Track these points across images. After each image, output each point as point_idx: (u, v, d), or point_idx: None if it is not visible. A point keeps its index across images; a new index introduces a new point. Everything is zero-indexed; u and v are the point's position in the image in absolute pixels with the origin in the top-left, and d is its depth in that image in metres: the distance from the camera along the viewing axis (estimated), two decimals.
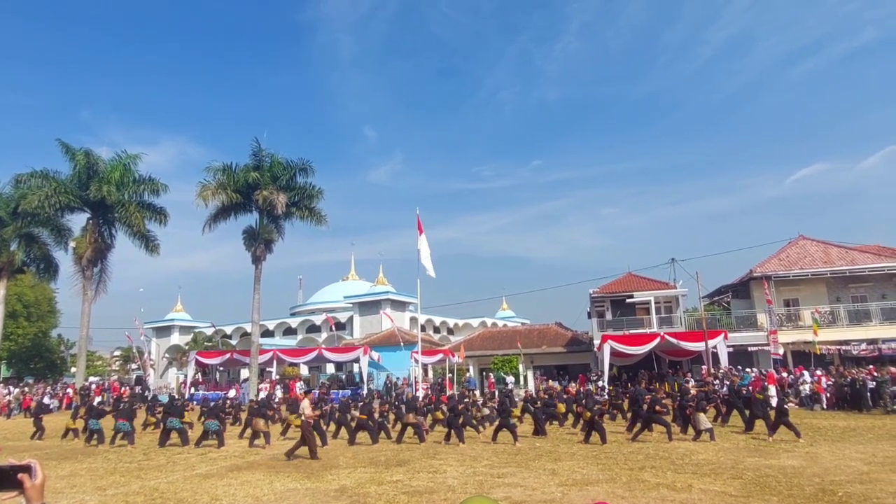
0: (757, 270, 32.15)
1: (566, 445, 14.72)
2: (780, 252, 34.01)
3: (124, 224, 33.30)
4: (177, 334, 67.51)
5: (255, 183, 31.11)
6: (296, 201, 32.66)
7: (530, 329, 42.92)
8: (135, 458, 14.28)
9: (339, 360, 40.02)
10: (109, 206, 32.68)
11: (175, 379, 52.44)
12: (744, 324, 32.28)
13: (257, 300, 32.50)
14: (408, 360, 34.57)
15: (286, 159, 32.36)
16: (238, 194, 31.31)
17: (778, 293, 31.59)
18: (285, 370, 40.55)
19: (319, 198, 33.24)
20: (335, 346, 44.12)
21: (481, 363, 39.02)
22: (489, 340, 41.37)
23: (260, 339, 35.03)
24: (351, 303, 59.83)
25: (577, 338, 38.11)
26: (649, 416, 15.07)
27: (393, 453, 13.93)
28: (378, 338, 43.61)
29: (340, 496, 9.31)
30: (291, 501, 9.08)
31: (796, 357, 29.99)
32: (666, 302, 34.69)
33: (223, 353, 39.10)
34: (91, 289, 33.36)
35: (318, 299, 73.00)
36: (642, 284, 34.79)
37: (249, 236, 32.44)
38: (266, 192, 30.69)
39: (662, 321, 33.14)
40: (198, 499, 9.40)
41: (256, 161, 31.98)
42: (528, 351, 36.96)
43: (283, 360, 36.96)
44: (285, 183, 32.04)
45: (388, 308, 53.84)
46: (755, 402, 16.03)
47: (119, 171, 32.89)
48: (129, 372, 65.07)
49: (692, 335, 29.96)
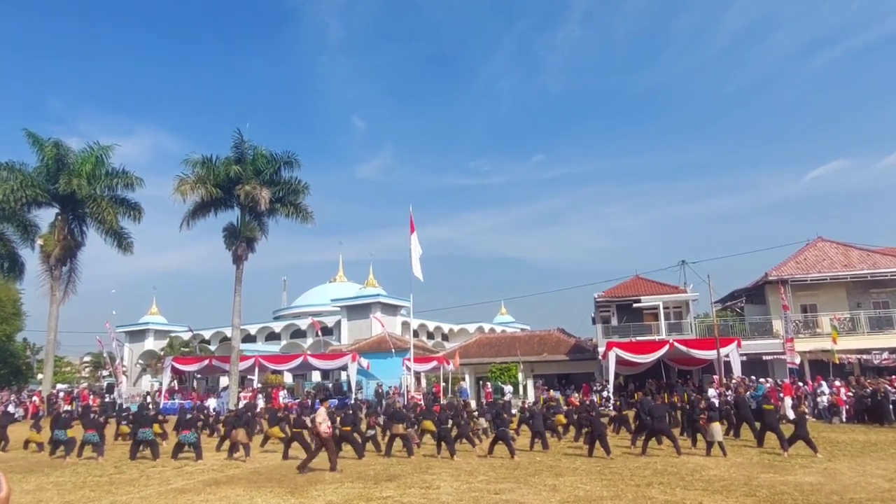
0: (772, 274, 32.25)
1: (568, 459, 14.72)
2: (797, 255, 34.12)
3: (96, 220, 33.15)
4: (151, 339, 67.30)
5: (236, 177, 31.02)
6: (280, 197, 32.59)
7: (530, 335, 42.94)
8: (105, 471, 14.20)
9: (326, 368, 39.92)
10: (80, 200, 32.53)
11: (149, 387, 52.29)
12: (758, 331, 32.37)
13: (238, 303, 32.41)
14: (399, 368, 34.54)
15: (270, 152, 32.34)
16: (218, 189, 31.21)
17: (795, 298, 31.69)
18: (268, 378, 40.39)
19: (306, 193, 33.21)
20: (321, 352, 43.99)
21: (478, 371, 39.01)
22: (486, 347, 41.36)
23: (241, 345, 34.89)
24: (339, 306, 59.76)
25: (580, 345, 38.14)
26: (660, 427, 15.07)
27: (382, 467, 13.91)
28: (367, 344, 43.56)
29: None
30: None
31: (814, 366, 30.09)
32: (675, 307, 34.76)
33: (201, 360, 38.95)
34: (59, 289, 33.20)
35: (304, 302, 72.93)
36: (650, 288, 34.87)
37: (230, 234, 32.35)
38: (248, 187, 30.61)
39: (671, 327, 33.20)
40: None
41: (238, 154, 31.90)
42: (528, 359, 36.97)
43: (266, 368, 36.83)
44: (269, 177, 31.97)
45: (378, 312, 53.78)
46: (765, 413, 16.07)
47: (90, 164, 32.76)
48: (99, 379, 64.87)
49: (703, 343, 30.00)
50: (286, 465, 14.59)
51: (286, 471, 13.70)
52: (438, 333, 69.43)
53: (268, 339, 66.37)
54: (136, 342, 67.29)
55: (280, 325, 67.37)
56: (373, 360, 37.29)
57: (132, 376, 61.98)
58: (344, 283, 73.32)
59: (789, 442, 14.66)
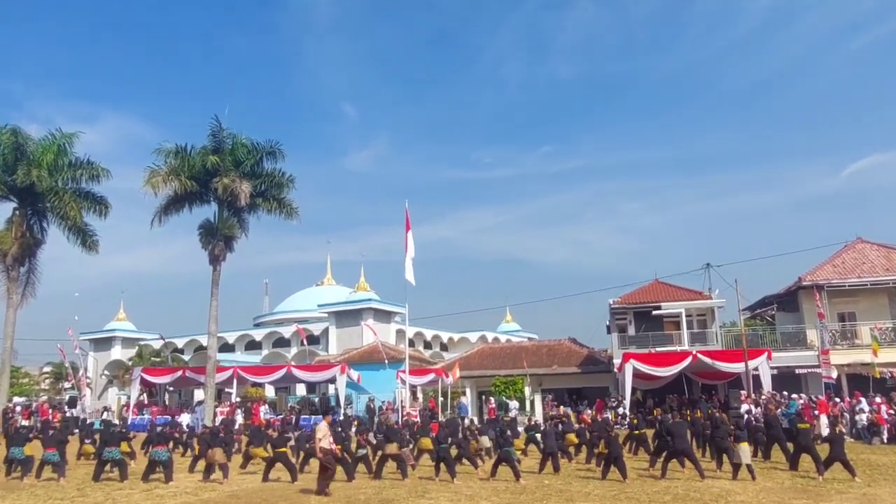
0: (807, 279, 32.24)
1: (580, 483, 14.70)
2: (834, 257, 34.11)
3: (57, 215, 33.10)
4: (118, 348, 67.25)
5: (213, 168, 31.02)
6: (262, 191, 32.56)
7: (538, 345, 42.94)
8: (67, 493, 14.17)
9: (312, 381, 39.90)
10: (40, 194, 32.48)
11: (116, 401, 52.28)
12: (790, 341, 32.37)
13: (215, 307, 32.37)
14: (393, 381, 34.52)
15: (251, 141, 32.34)
16: (193, 182, 31.20)
17: (831, 305, 31.68)
18: (247, 391, 40.43)
19: (290, 187, 33.19)
20: (307, 363, 43.99)
21: (480, 385, 39.01)
22: (490, 358, 41.36)
23: (217, 355, 34.85)
24: (326, 312, 59.75)
25: (593, 356, 38.14)
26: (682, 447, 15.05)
27: (374, 491, 13.89)
28: (358, 354, 43.57)
29: None
30: None
31: (852, 381, 30.07)
32: (699, 315, 34.75)
33: (173, 371, 38.95)
34: (17, 292, 33.15)
35: (288, 308, 72.93)
36: (671, 294, 34.87)
37: (206, 232, 32.33)
38: (227, 180, 30.60)
39: (695, 337, 33.20)
40: None
41: (216, 142, 31.89)
42: (536, 371, 36.97)
43: (245, 380, 36.83)
44: (250, 169, 31.97)
45: (370, 319, 53.76)
46: (799, 432, 16.06)
47: (52, 153, 32.69)
48: (60, 392, 64.79)
49: (730, 354, 30.01)
50: (267, 489, 14.57)
51: (266, 494, 13.68)
52: (437, 343, 69.40)
53: (247, 349, 66.34)
54: (102, 351, 67.21)
55: (261, 332, 67.35)
56: (364, 371, 37.26)
57: (97, 389, 61.91)
58: (332, 286, 73.29)
59: (825, 464, 14.65)
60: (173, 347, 62.54)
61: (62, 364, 52.97)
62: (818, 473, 14.56)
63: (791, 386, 29.67)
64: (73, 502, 13.16)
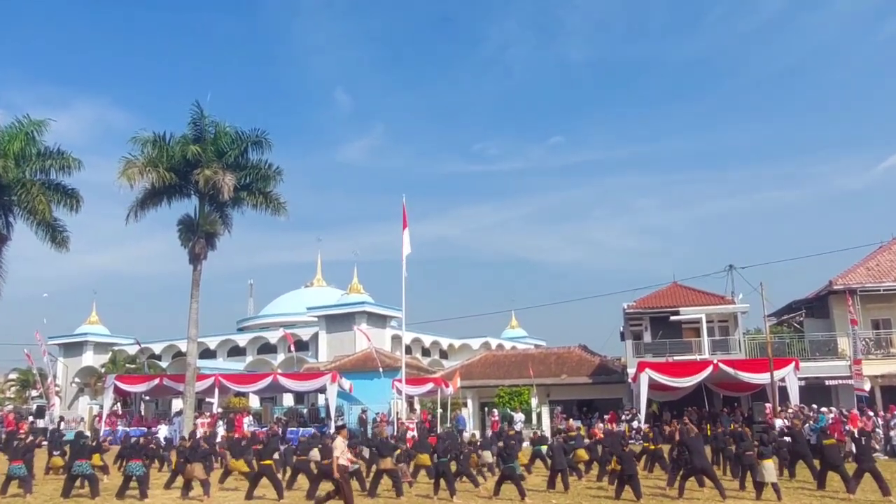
0: (838, 282, 32.29)
1: (590, 503, 14.78)
2: (868, 259, 34.15)
3: (25, 210, 33.07)
4: (90, 353, 67.26)
5: (194, 159, 31.05)
6: (247, 184, 32.59)
7: (546, 353, 42.94)
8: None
9: (300, 390, 39.91)
10: (6, 186, 32.50)
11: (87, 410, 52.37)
12: (820, 350, 32.41)
13: (195, 310, 32.42)
14: (388, 391, 34.57)
15: (235, 129, 32.31)
16: (173, 173, 31.23)
17: (864, 311, 31.74)
18: (230, 401, 40.46)
19: (278, 180, 33.16)
20: (294, 371, 44.03)
21: (483, 396, 39.06)
22: (493, 367, 41.41)
23: (198, 361, 34.87)
24: (316, 315, 59.77)
25: (605, 365, 38.18)
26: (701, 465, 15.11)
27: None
28: (350, 361, 43.57)
29: None
30: None
31: (887, 393, 30.13)
32: (721, 321, 34.80)
33: (150, 379, 39.02)
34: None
35: (274, 311, 72.89)
36: (691, 298, 34.92)
37: (186, 228, 32.38)
38: (209, 172, 30.65)
39: (716, 345, 33.24)
40: None
41: (197, 131, 31.92)
42: (544, 381, 37.01)
43: (228, 389, 36.86)
44: (234, 160, 32.00)
45: (363, 323, 53.76)
46: (826, 449, 16.15)
47: (19, 142, 32.68)
48: (27, 400, 64.96)
49: (754, 364, 30.05)
50: None
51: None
52: (436, 350, 69.43)
53: (230, 355, 66.35)
54: (72, 357, 67.22)
55: (245, 337, 67.34)
56: (356, 380, 37.28)
57: (67, 397, 61.99)
58: (322, 287, 73.25)
59: (855, 479, 14.74)
60: (150, 353, 62.59)
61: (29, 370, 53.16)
62: (848, 492, 14.63)
63: (820, 399, 29.70)
64: None
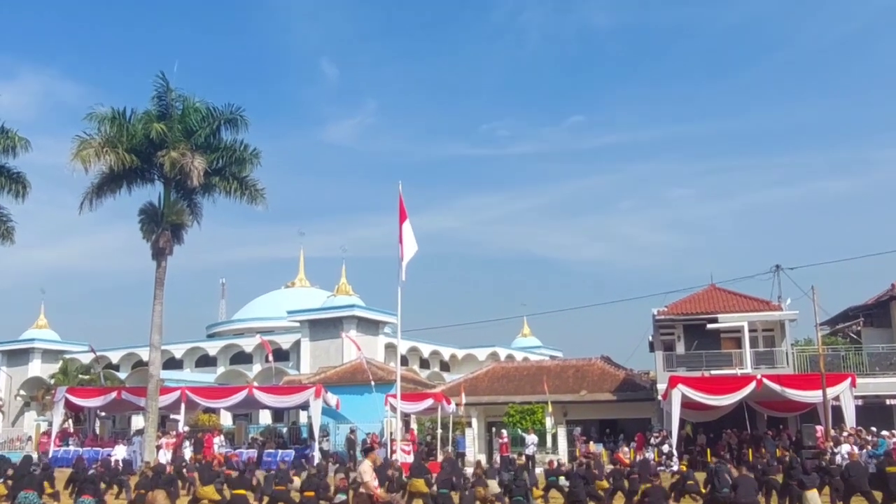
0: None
1: None
2: None
3: None
4: (38, 361, 67.34)
5: (159, 139, 30.95)
6: (219, 168, 32.52)
7: (563, 365, 42.87)
8: None
9: (279, 406, 39.87)
10: None
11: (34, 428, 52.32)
12: (880, 364, 32.29)
13: (158, 313, 32.34)
14: (380, 408, 34.45)
15: (207, 105, 32.24)
16: (134, 155, 31.14)
17: None
18: (198, 418, 40.42)
19: (255, 163, 33.13)
20: (273, 384, 43.95)
21: (490, 414, 38.99)
22: (502, 381, 41.34)
23: (162, 372, 34.77)
24: (298, 321, 59.80)
25: (631, 380, 38.10)
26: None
27: None
28: (337, 374, 43.56)
29: None
30: None
31: None
32: (766, 330, 34.67)
33: (106, 392, 38.95)
34: None
35: (249, 315, 72.94)
36: (731, 303, 34.81)
37: (149, 218, 32.30)
38: (175, 153, 30.52)
39: (760, 358, 33.13)
40: None
41: (162, 107, 31.84)
42: (560, 398, 36.96)
43: (196, 404, 36.80)
44: (204, 140, 31.92)
45: (352, 330, 53.74)
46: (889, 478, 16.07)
47: None
48: None
49: (803, 379, 29.94)
50: None
51: None
52: (436, 361, 69.46)
53: (199, 366, 66.45)
54: (17, 366, 67.33)
55: (216, 345, 67.43)
56: (343, 395, 37.24)
57: (10, 413, 62.05)
58: (305, 288, 73.38)
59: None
60: (106, 363, 62.63)
61: None
62: None
63: (880, 420, 29.61)
64: None
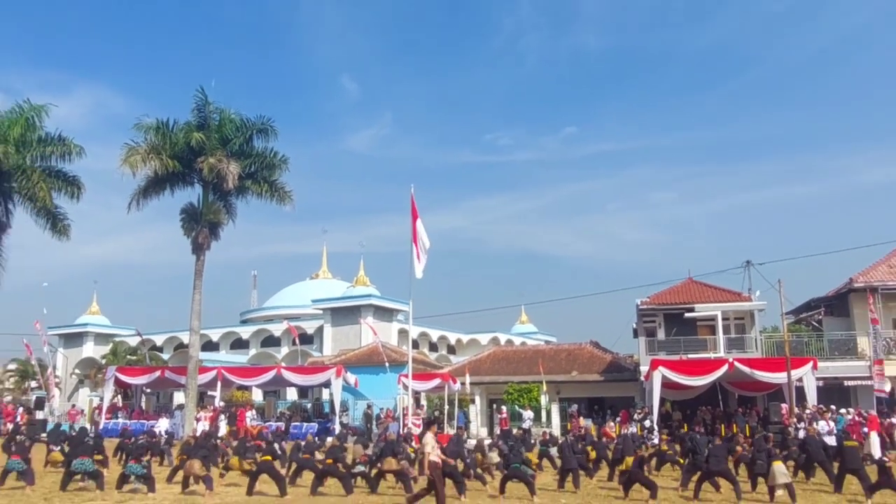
0: (859, 280, 32.11)
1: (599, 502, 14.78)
2: (891, 256, 33.97)
3: (25, 197, 33.20)
4: (91, 344, 67.71)
5: (198, 147, 31.09)
6: (252, 172, 32.64)
7: (557, 349, 42.97)
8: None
9: (304, 384, 40.07)
10: (6, 172, 32.63)
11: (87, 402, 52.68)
12: (839, 350, 32.28)
13: (198, 301, 32.52)
14: (394, 386, 34.64)
15: (240, 116, 32.36)
16: (176, 161, 31.29)
17: (886, 310, 31.57)
18: (233, 395, 40.65)
19: (283, 168, 33.21)
20: (299, 364, 44.15)
21: (491, 392, 39.12)
22: (502, 363, 41.45)
23: (200, 354, 35.00)
24: (321, 308, 59.93)
25: (618, 362, 38.18)
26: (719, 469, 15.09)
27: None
28: (355, 355, 43.71)
29: None
30: None
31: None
32: (737, 318, 34.68)
33: (151, 371, 39.20)
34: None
35: (278, 303, 73.12)
36: (706, 294, 34.83)
37: (189, 217, 32.45)
38: (213, 160, 30.68)
39: (732, 343, 33.15)
40: None
41: (201, 118, 31.97)
42: (554, 378, 37.03)
43: (231, 382, 37.04)
44: (238, 148, 32.05)
45: (369, 317, 53.89)
46: (846, 451, 16.14)
47: (20, 127, 32.77)
48: (27, 391, 65.33)
49: (771, 363, 29.97)
50: (252, 502, 14.69)
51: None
52: (443, 345, 69.53)
53: (233, 348, 66.63)
54: (73, 347, 67.67)
55: (248, 330, 67.63)
56: (361, 375, 37.41)
57: (66, 389, 62.40)
58: (328, 280, 73.45)
59: (873, 488, 14.66)
60: (151, 345, 62.90)
61: (28, 361, 53.30)
62: (866, 497, 14.58)
63: (839, 399, 29.65)
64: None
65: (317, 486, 15.90)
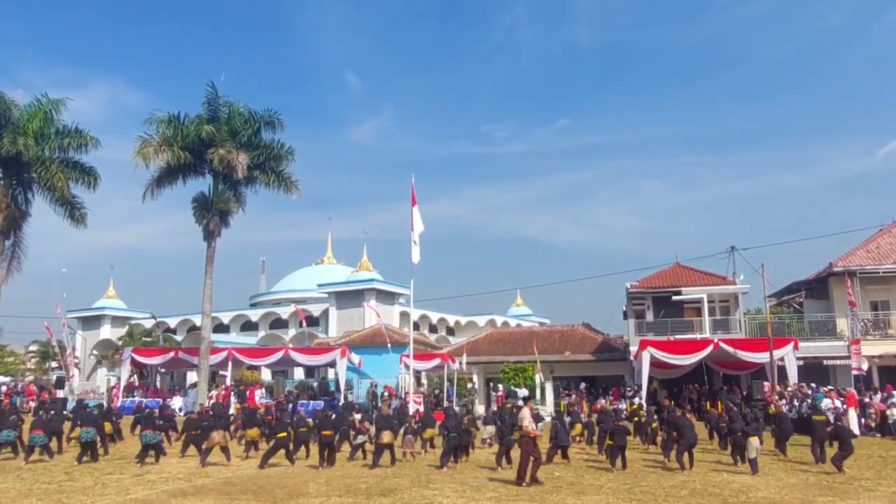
0: (838, 264, 32.14)
1: (592, 475, 14.88)
2: (868, 242, 33.97)
3: (44, 187, 33.16)
4: (108, 326, 67.88)
5: (208, 138, 31.04)
6: (260, 163, 32.59)
7: (550, 331, 43.02)
8: (54, 477, 14.45)
9: (311, 364, 40.17)
10: (26, 163, 32.56)
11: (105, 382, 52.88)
12: (819, 331, 32.35)
13: (209, 286, 32.58)
14: (396, 366, 34.73)
15: (249, 109, 32.27)
16: (187, 152, 31.24)
17: (863, 293, 31.60)
18: (242, 374, 40.74)
19: (290, 159, 33.18)
20: (305, 345, 44.25)
21: (488, 371, 39.21)
22: (498, 344, 41.51)
23: (212, 335, 35.06)
24: (326, 292, 60.00)
25: (608, 343, 38.24)
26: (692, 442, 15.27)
27: (376, 480, 14.09)
28: (359, 337, 43.76)
29: None
30: None
31: (884, 374, 30.08)
32: (722, 301, 34.73)
33: (165, 352, 39.28)
34: (2, 267, 33.42)
35: (286, 287, 73.24)
36: (693, 278, 34.85)
37: (201, 206, 32.44)
38: (223, 151, 30.64)
39: (717, 325, 33.22)
40: None
41: (211, 111, 31.89)
42: (548, 358, 37.11)
43: (241, 362, 37.11)
44: (247, 139, 31.99)
45: (372, 300, 53.96)
46: (815, 424, 16.51)
47: (38, 120, 32.70)
48: (48, 372, 65.59)
49: (754, 343, 30.02)
50: (263, 475, 14.80)
51: (263, 481, 13.90)
52: (443, 326, 69.70)
53: (243, 330, 66.80)
54: (91, 330, 67.85)
55: (257, 313, 67.74)
56: (365, 355, 37.51)
57: (85, 369, 62.61)
58: (333, 265, 73.50)
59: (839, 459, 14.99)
60: (165, 327, 63.07)
61: (49, 343, 53.39)
62: (815, 462, 15.64)
63: (818, 377, 29.70)
64: (62, 486, 13.41)
65: (332, 459, 16.17)
